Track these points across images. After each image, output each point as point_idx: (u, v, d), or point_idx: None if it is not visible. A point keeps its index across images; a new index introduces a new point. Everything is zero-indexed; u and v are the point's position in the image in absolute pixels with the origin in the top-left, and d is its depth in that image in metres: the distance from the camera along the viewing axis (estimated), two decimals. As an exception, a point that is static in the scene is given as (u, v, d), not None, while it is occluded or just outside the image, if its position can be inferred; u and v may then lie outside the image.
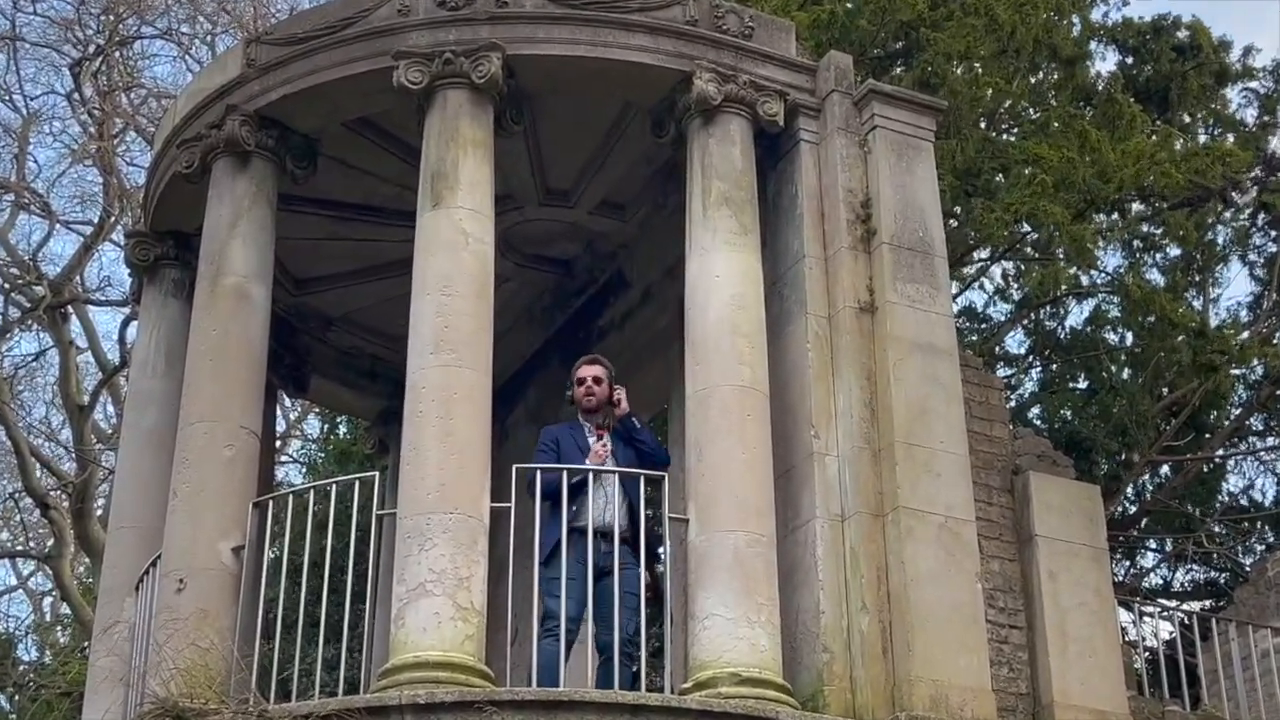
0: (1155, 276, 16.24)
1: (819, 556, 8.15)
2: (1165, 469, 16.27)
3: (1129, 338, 15.84)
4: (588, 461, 8.30)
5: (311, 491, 8.46)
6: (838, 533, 8.24)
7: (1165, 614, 12.15)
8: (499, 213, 9.17)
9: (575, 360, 11.12)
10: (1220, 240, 16.37)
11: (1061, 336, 16.46)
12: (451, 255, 8.33)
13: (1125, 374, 15.67)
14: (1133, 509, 16.32)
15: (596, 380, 8.55)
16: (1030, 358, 16.81)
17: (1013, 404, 15.42)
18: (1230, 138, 16.07)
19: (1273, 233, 16.49)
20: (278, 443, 18.27)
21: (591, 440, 8.42)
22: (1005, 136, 14.94)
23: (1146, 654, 11.09)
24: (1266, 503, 16.60)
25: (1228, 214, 16.20)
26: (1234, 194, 15.68)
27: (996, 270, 16.85)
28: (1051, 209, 13.04)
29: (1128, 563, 16.68)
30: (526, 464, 8.25)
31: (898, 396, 8.44)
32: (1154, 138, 14.36)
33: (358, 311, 11.51)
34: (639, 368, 10.64)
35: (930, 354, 8.63)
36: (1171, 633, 13.05)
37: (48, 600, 22.68)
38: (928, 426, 8.43)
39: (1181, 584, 16.85)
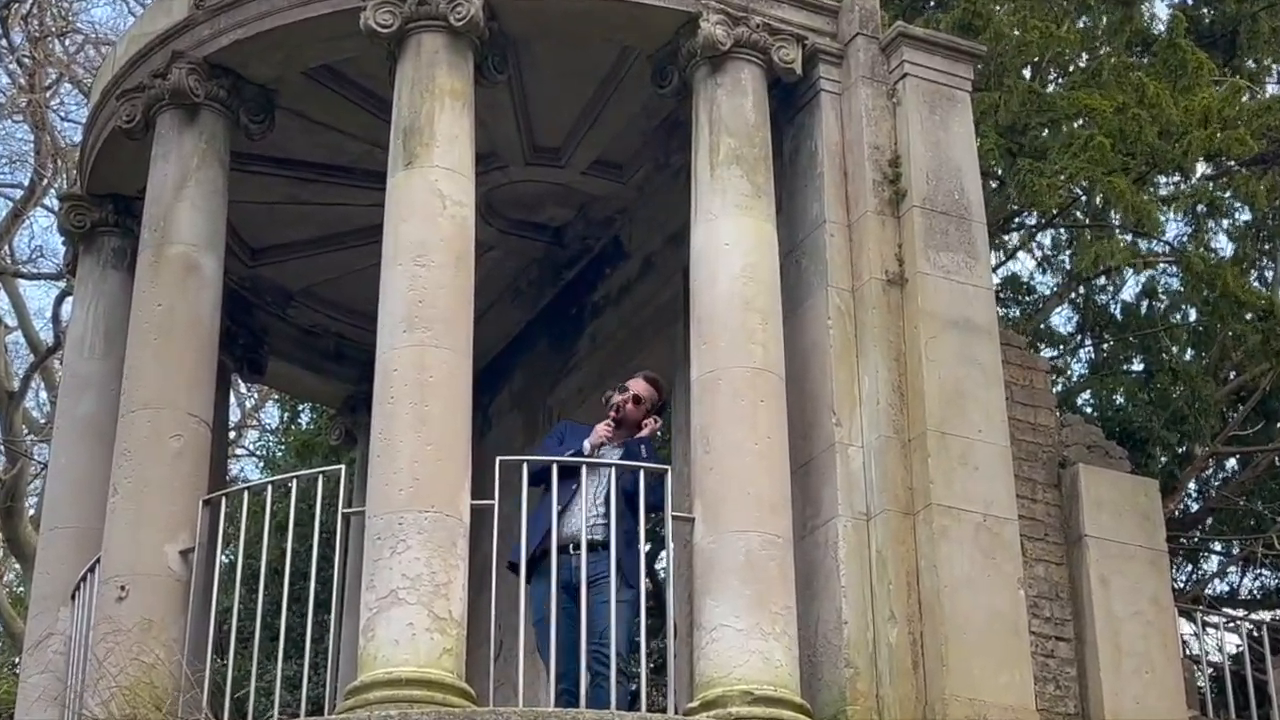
0: (1222, 243, 16.23)
1: (841, 559, 8.17)
2: (1232, 462, 16.26)
3: (1191, 314, 15.82)
4: (586, 442, 8.38)
5: (269, 488, 8.44)
6: (862, 533, 8.25)
7: (1231, 625, 12.15)
8: (480, 173, 9.14)
9: (565, 339, 11.23)
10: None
11: (1115, 313, 16.44)
12: (426, 220, 8.32)
13: (1187, 355, 15.66)
14: (1195, 507, 16.32)
15: (636, 400, 8.66)
16: (1080, 336, 16.79)
17: (1060, 388, 15.40)
18: (1307, 88, 16.04)
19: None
20: (231, 433, 18.29)
21: (600, 426, 8.51)
22: (1052, 87, 14.90)
23: (1210, 670, 11.10)
24: (1346, 500, 16.60)
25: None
26: (1312, 152, 15.63)
27: (1043, 238, 16.84)
28: (1114, 181, 13.01)
29: (1189, 567, 16.69)
30: (511, 456, 8.24)
31: (930, 380, 8.44)
32: (1220, 89, 14.32)
33: (321, 285, 11.50)
34: (638, 348, 10.63)
35: (967, 331, 8.63)
36: (1239, 646, 13.06)
37: (-26, 611, 22.70)
38: (964, 413, 8.44)
39: (1250, 591, 16.86)
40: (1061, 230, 16.62)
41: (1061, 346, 16.68)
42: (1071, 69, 15.15)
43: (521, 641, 7.88)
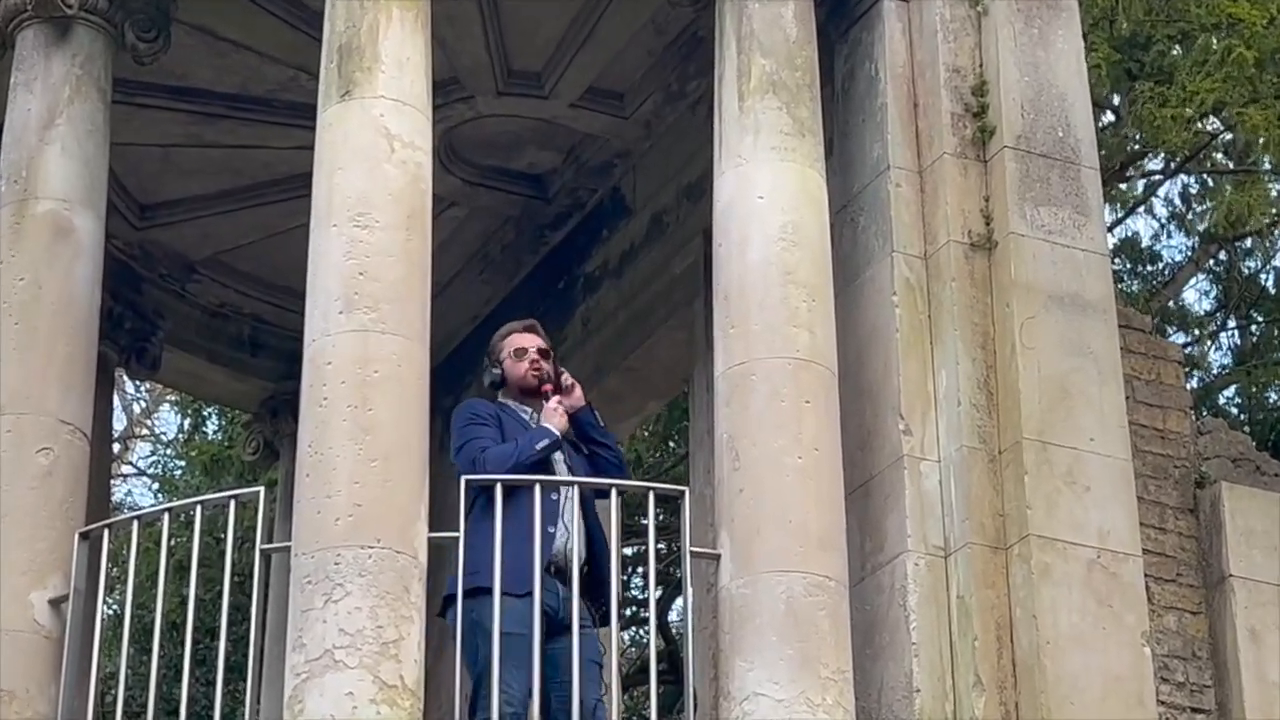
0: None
1: (911, 608, 8.18)
2: None
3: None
4: (550, 426, 8.30)
5: (166, 516, 8.43)
6: (939, 573, 8.26)
7: None
8: (440, 105, 9.15)
9: (550, 322, 11.17)
10: None
11: (1266, 284, 16.44)
12: (369, 167, 8.30)
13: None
14: (1373, 538, 16.29)
15: (544, 354, 8.63)
16: (1220, 316, 16.80)
17: (1196, 384, 15.40)
18: None
19: None
20: (115, 446, 18.30)
21: (556, 405, 8.45)
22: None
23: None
24: None
25: None
26: None
27: (1171, 187, 16.87)
28: (1248, 113, 13.01)
29: (1365, 617, 16.67)
30: (480, 476, 8.22)
31: (1027, 373, 8.45)
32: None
33: (232, 252, 11.54)
34: (645, 333, 10.67)
35: (1075, 310, 8.64)
36: None
37: None
38: (1072, 417, 8.44)
39: None
40: (1196, 177, 16.62)
41: (1197, 330, 16.69)
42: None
43: (495, 713, 7.87)
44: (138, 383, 18.91)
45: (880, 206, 8.83)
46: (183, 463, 19.22)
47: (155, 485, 20.24)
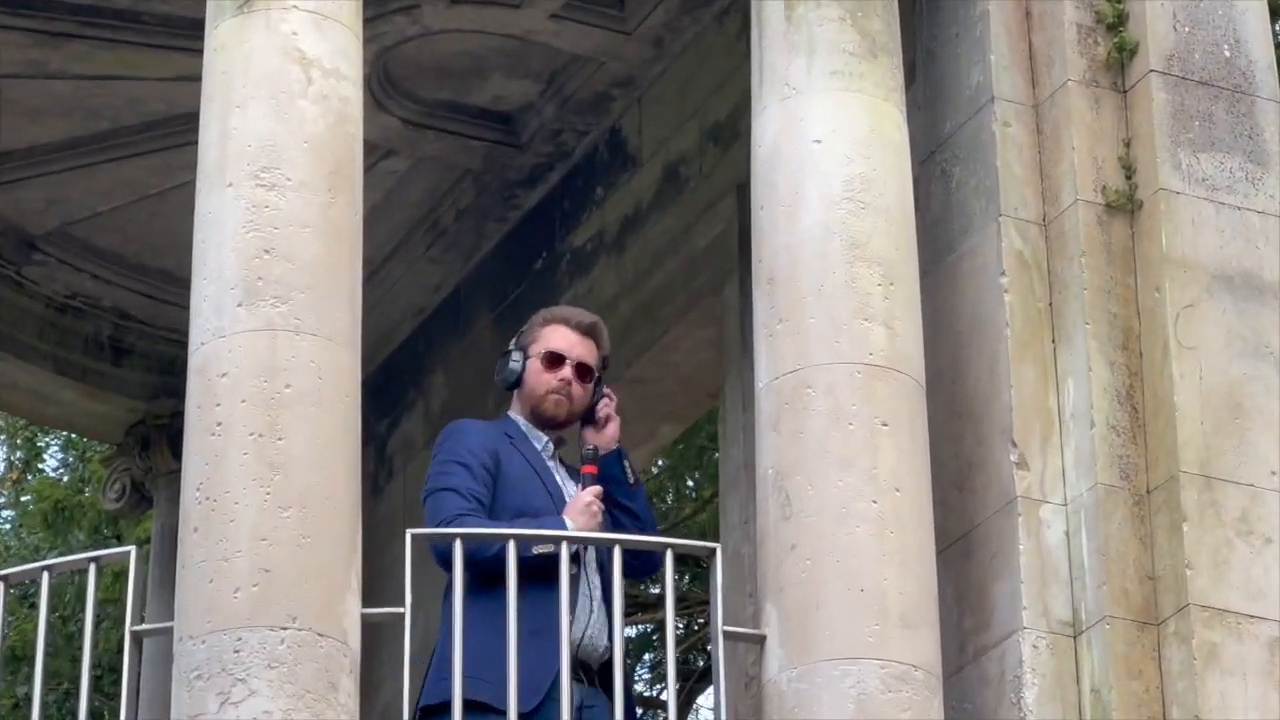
0: None
1: (1029, 707, 8.19)
2: None
3: None
4: (566, 517, 8.32)
5: (1, 586, 8.40)
6: (1067, 659, 8.28)
7: None
8: (373, 18, 9.12)
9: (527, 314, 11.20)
10: None
11: None
12: (278, 105, 8.30)
13: None
14: None
15: (582, 372, 8.55)
16: None
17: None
18: None
19: None
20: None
21: (563, 478, 8.49)
22: None
23: None
24: None
25: None
26: None
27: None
28: None
29: None
30: (428, 530, 8.20)
31: (1186, 383, 8.46)
32: None
33: (88, 222, 11.64)
34: (658, 330, 10.70)
35: (1251, 295, 8.67)
36: None
37: None
38: (1246, 443, 8.47)
39: None
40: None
41: None
42: None
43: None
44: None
45: (982, 153, 8.86)
46: (11, 513, 19.25)
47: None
